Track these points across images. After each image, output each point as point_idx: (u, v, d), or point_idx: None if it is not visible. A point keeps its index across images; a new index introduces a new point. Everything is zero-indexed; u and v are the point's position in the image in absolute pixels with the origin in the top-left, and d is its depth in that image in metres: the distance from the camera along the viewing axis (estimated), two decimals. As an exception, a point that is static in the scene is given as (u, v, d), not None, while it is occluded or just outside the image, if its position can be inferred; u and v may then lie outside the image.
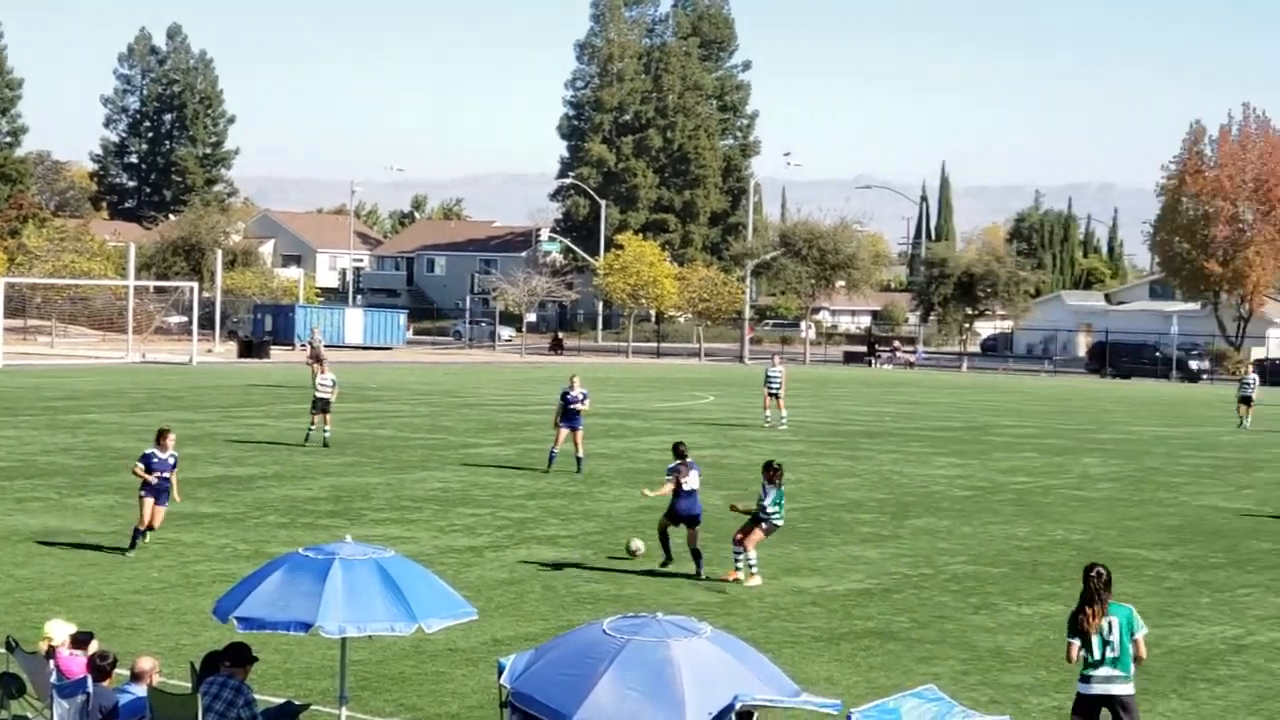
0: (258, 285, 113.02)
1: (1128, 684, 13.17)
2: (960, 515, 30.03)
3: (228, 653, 13.04)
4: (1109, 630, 13.13)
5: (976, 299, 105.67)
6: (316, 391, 39.75)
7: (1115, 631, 13.14)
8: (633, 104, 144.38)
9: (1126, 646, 13.18)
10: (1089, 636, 13.13)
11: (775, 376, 48.42)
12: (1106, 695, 13.13)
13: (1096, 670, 13.13)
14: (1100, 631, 13.12)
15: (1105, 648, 13.13)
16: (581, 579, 22.52)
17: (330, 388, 39.69)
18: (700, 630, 10.64)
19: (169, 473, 23.76)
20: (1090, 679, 13.15)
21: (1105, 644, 13.13)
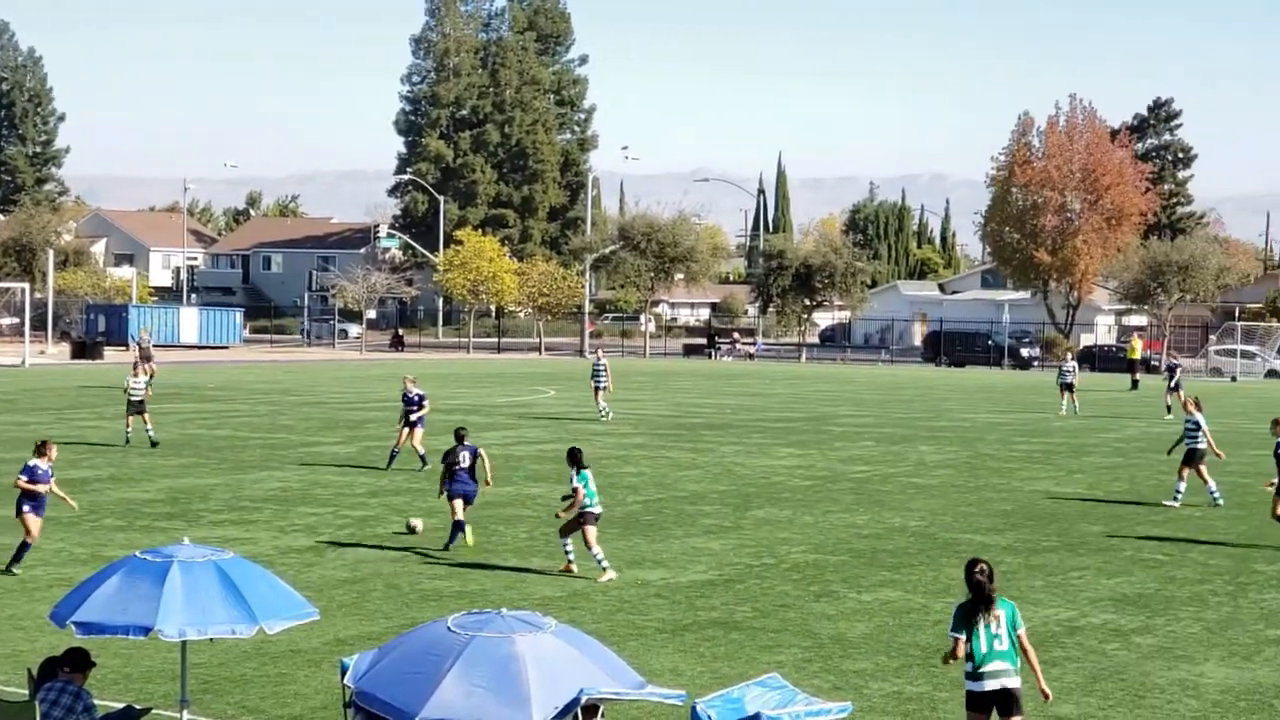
0: (90, 285, 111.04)
1: (1017, 677, 13.16)
2: (801, 505, 30.36)
3: (66, 658, 12.85)
4: (997, 624, 13.09)
5: (814, 290, 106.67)
6: (130, 394, 39.73)
7: (1003, 625, 13.12)
8: (470, 99, 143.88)
9: (1014, 639, 13.17)
10: (977, 632, 13.04)
11: (601, 369, 49.27)
12: (1000, 689, 13.07)
13: (987, 665, 13.04)
14: (989, 626, 13.07)
15: (994, 641, 13.06)
16: (425, 576, 22.46)
17: (143, 389, 39.94)
18: (545, 625, 10.68)
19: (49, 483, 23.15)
20: (982, 675, 13.06)
21: (994, 638, 13.07)
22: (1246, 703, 16.41)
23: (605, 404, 49.41)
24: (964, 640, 13.02)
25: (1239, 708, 16.21)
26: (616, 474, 34.76)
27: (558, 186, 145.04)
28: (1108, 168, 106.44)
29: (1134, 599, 21.66)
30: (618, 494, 31.45)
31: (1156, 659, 18.21)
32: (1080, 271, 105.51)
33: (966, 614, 13.07)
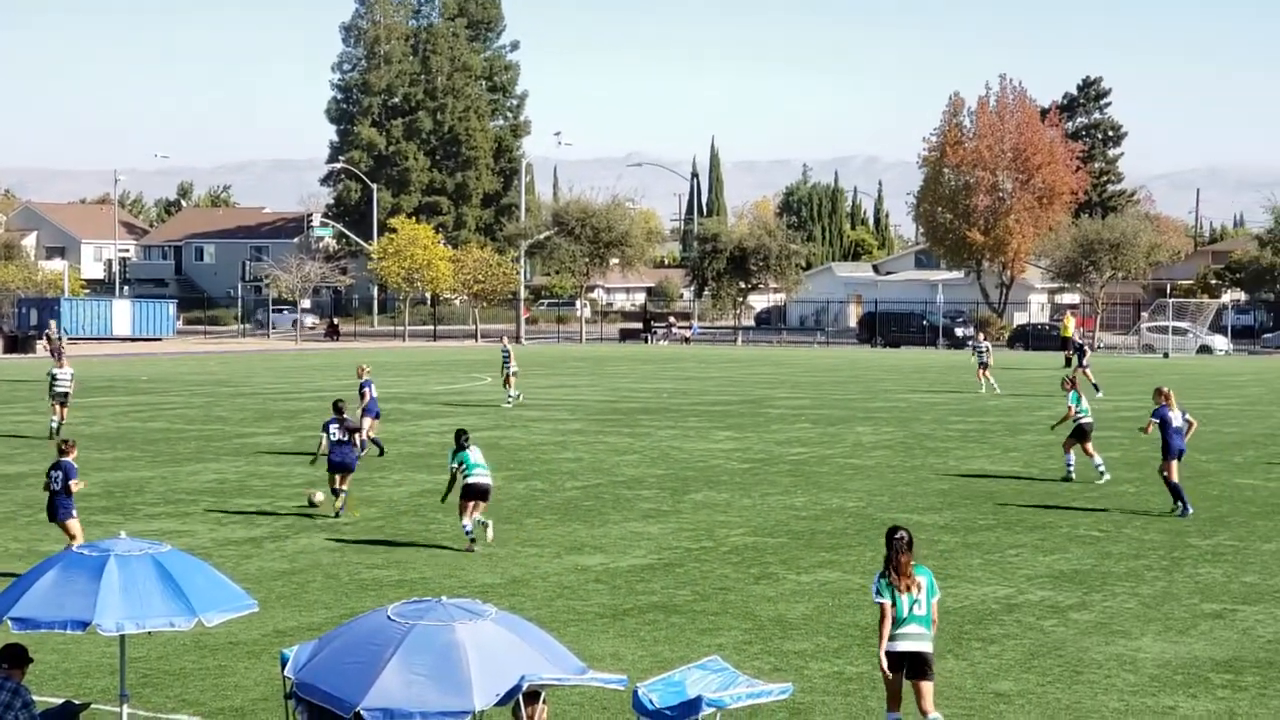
0: (21, 279, 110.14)
1: (929, 642, 13.71)
2: (739, 488, 30.44)
3: (3, 654, 12.74)
4: (917, 590, 13.61)
5: (749, 273, 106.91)
6: (56, 385, 40.59)
7: (922, 592, 13.63)
8: (401, 86, 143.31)
9: (930, 605, 13.68)
10: (901, 596, 13.57)
11: (507, 356, 49.91)
12: (913, 652, 13.61)
13: (903, 628, 13.58)
14: (911, 591, 13.59)
15: (913, 606, 13.59)
16: (364, 566, 22.41)
17: (69, 381, 40.81)
18: (485, 612, 10.68)
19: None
20: (897, 637, 13.57)
21: (914, 603, 13.60)
22: (1183, 676, 16.57)
23: (516, 389, 49.80)
24: (889, 604, 13.53)
25: (1175, 681, 16.37)
26: (554, 460, 34.77)
27: (491, 173, 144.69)
28: (1038, 147, 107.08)
29: (1070, 575, 21.84)
30: (556, 480, 31.47)
31: (1094, 634, 18.37)
32: (1013, 251, 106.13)
33: (886, 581, 13.63)
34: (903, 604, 13.56)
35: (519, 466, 33.59)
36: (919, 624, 13.61)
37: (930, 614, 13.70)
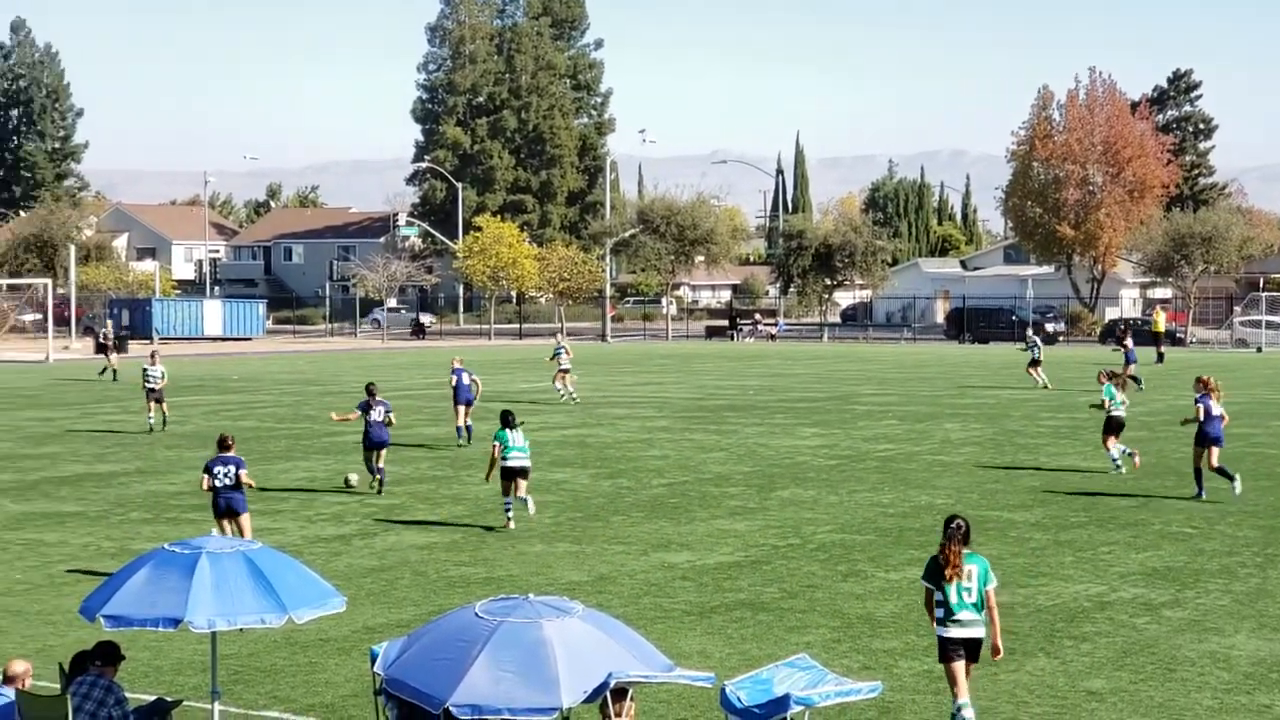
0: (113, 280, 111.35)
1: (983, 628, 14.04)
2: (826, 485, 30.32)
3: (96, 652, 12.87)
4: (969, 578, 13.91)
5: (835, 269, 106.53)
6: (148, 382, 41.81)
7: (974, 579, 13.93)
8: (486, 85, 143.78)
9: (983, 593, 13.98)
10: (949, 584, 13.89)
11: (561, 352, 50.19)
12: (967, 638, 13.97)
13: (957, 615, 13.91)
14: (961, 580, 13.90)
15: (964, 593, 13.92)
16: (452, 563, 22.48)
17: (160, 378, 41.91)
18: (572, 609, 10.67)
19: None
20: (950, 624, 13.94)
21: (964, 590, 13.91)
22: (1278, 674, 16.35)
23: (571, 387, 50.04)
24: (934, 590, 13.96)
25: (1270, 679, 16.15)
26: (640, 457, 34.77)
27: (576, 171, 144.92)
28: (1129, 140, 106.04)
29: (1163, 573, 21.60)
30: (642, 477, 31.46)
31: (1187, 632, 18.16)
32: (1103, 245, 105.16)
33: (938, 566, 13.95)
34: (951, 591, 13.88)
35: (605, 464, 33.61)
36: (971, 611, 13.93)
37: (982, 601, 13.98)
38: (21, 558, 23.10)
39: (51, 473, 32.71)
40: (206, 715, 13.88)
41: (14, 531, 25.41)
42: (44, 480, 31.46)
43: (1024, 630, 18.17)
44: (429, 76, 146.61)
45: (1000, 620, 18.60)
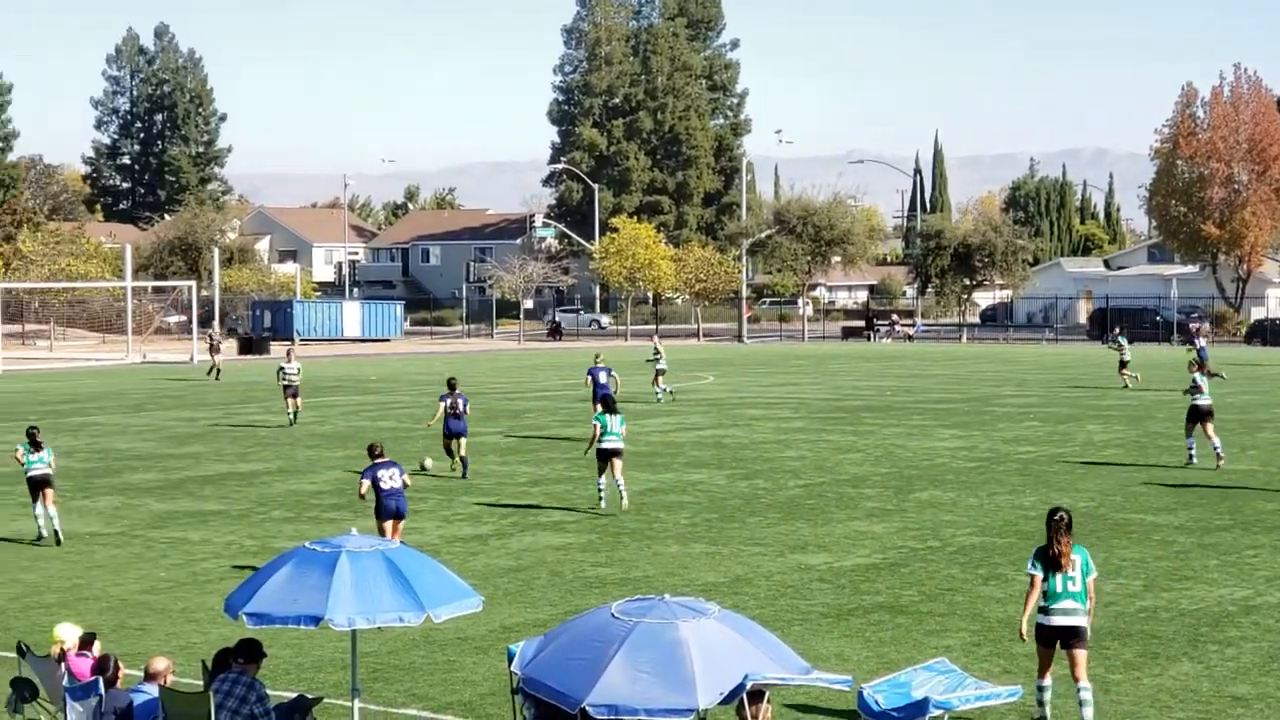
0: (255, 282, 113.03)
1: (1084, 617, 14.28)
2: (965, 487, 30.03)
3: (239, 649, 13.03)
4: (1072, 567, 14.20)
5: (974, 269, 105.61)
6: (285, 378, 43.93)
7: (1077, 569, 14.21)
8: (622, 87, 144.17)
9: (1085, 583, 14.24)
10: (1053, 574, 14.20)
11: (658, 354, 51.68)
12: (1067, 626, 14.25)
13: (1059, 604, 14.21)
14: (1066, 569, 14.19)
15: (1068, 583, 14.20)
16: (588, 564, 22.53)
17: (297, 374, 44.10)
18: (708, 610, 10.64)
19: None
20: (1051, 612, 14.22)
21: (1069, 579, 14.20)
22: None
23: (666, 385, 51.07)
24: (1040, 577, 14.21)
25: None
26: (777, 458, 34.65)
27: (712, 172, 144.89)
28: (1275, 138, 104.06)
29: (1312, 577, 21.14)
30: (779, 478, 31.34)
31: (1337, 638, 17.75)
32: (1249, 244, 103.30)
33: (1043, 555, 14.27)
34: (1056, 581, 14.17)
35: (741, 465, 33.53)
36: (1074, 600, 14.18)
37: (1085, 590, 14.22)
38: (166, 555, 23.47)
39: (195, 472, 33.24)
40: (347, 712, 14.00)
41: (158, 530, 25.84)
42: (188, 479, 31.96)
43: (1167, 634, 17.87)
44: (565, 78, 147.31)
45: (1144, 624, 18.34)
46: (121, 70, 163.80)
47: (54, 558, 23.39)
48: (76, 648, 13.83)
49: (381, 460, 22.30)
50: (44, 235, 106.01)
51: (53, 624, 15.38)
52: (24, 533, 25.54)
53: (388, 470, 22.12)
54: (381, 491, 21.98)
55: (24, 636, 16.57)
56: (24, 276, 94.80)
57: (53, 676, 13.73)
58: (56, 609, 19.55)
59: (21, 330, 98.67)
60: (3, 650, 17.24)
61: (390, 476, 22.04)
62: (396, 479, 22.08)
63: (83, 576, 21.95)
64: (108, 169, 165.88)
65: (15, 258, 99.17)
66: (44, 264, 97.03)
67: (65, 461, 35.13)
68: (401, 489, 22.13)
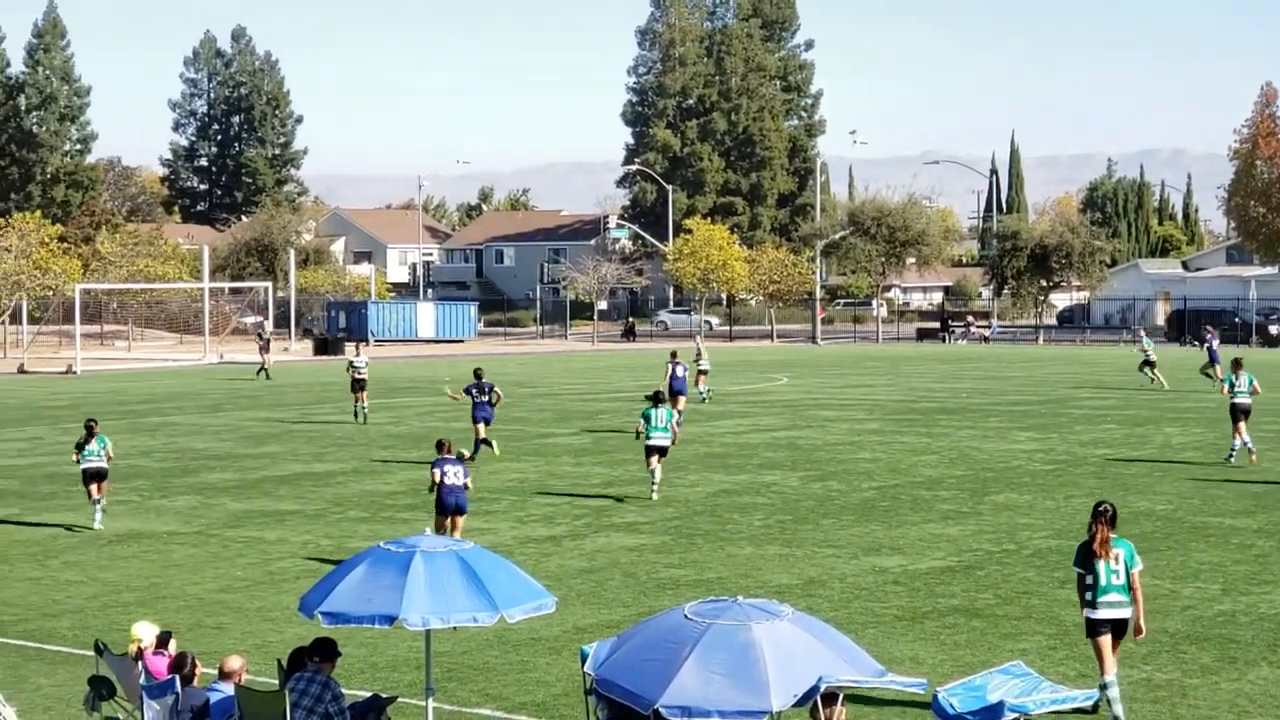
0: (330, 283, 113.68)
1: (1129, 609, 14.76)
2: (1042, 490, 29.83)
3: (314, 648, 13.09)
4: (1116, 561, 14.71)
5: (1051, 271, 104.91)
6: (355, 373, 45.35)
7: (1121, 562, 14.72)
8: (696, 88, 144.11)
9: (1128, 576, 14.74)
10: (1099, 564, 14.69)
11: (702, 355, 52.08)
12: (1114, 619, 14.72)
13: (1105, 596, 14.70)
14: (1109, 562, 14.70)
15: (1112, 576, 14.71)
16: (661, 565, 22.52)
17: (365, 368, 45.77)
18: (782, 613, 10.61)
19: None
20: (1098, 604, 14.72)
21: (1112, 573, 14.71)
22: None
23: (708, 385, 51.40)
24: (1085, 575, 14.77)
25: None
26: (850, 460, 34.55)
27: (786, 173, 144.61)
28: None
29: (1394, 582, 20.86)
30: (852, 480, 31.24)
31: None
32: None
33: (1087, 551, 14.82)
34: (1101, 573, 14.67)
35: (815, 466, 33.44)
36: (1118, 592, 14.68)
37: (1129, 583, 14.71)
38: (242, 554, 23.65)
39: (271, 472, 33.47)
40: (421, 712, 14.05)
41: (235, 529, 26.03)
42: (264, 479, 32.19)
43: (1246, 639, 17.69)
44: (639, 79, 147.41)
45: (1222, 629, 18.15)
46: (199, 73, 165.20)
47: (132, 557, 23.62)
48: (153, 646, 13.94)
49: (448, 456, 22.93)
50: (122, 236, 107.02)
51: (130, 623, 15.52)
52: (102, 532, 25.81)
53: (454, 467, 22.77)
54: (443, 487, 22.64)
55: (102, 635, 16.73)
56: (103, 277, 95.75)
57: (130, 675, 13.85)
58: (134, 608, 19.74)
59: (100, 331, 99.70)
60: (81, 649, 17.43)
61: (455, 474, 22.65)
62: (459, 478, 22.67)
63: (160, 575, 22.14)
64: (185, 171, 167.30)
65: (94, 259, 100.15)
66: (122, 265, 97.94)
67: (143, 461, 35.48)
68: (462, 488, 22.72)
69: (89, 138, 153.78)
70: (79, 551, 24.11)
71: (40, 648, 18.04)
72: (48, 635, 18.64)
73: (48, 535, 25.61)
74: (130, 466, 34.38)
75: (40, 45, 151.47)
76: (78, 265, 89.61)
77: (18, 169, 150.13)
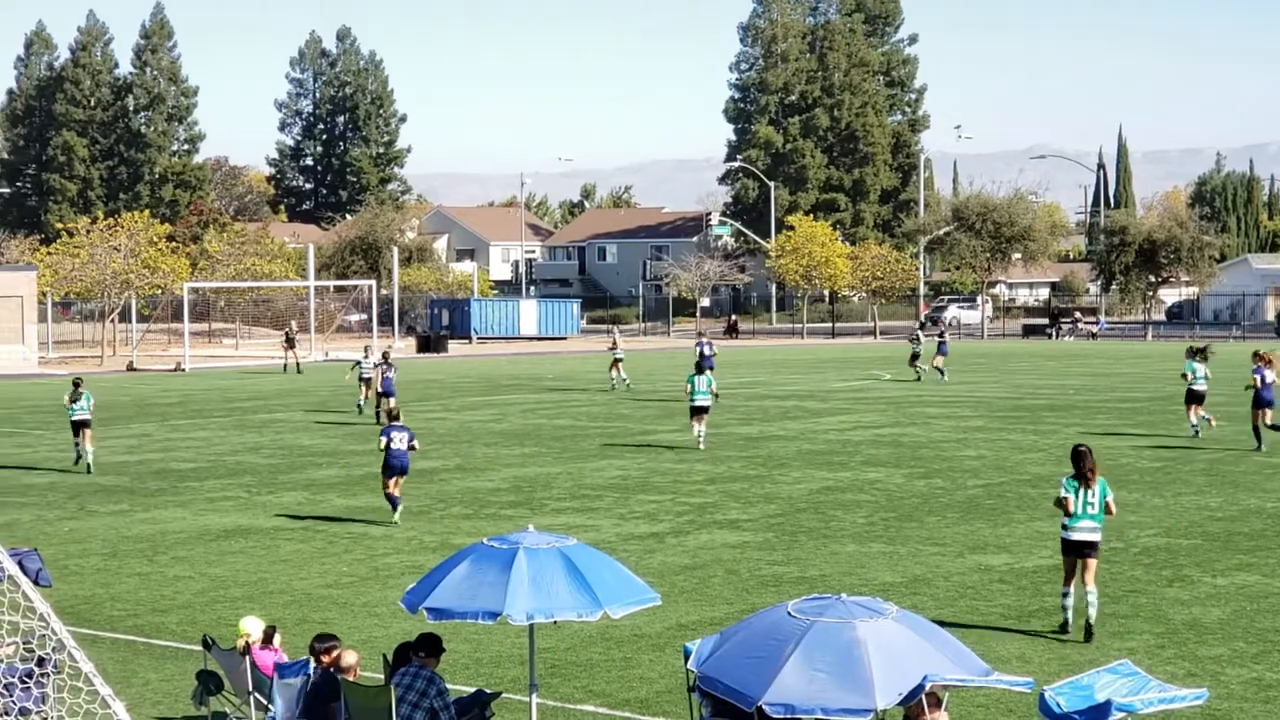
0: (433, 281, 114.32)
1: (1098, 533, 17.93)
2: (1150, 487, 29.48)
3: (419, 643, 13.18)
4: (1092, 495, 17.83)
5: (1159, 266, 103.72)
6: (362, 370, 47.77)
7: (1096, 495, 17.86)
8: (798, 84, 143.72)
9: (1102, 507, 17.86)
10: (1078, 498, 17.80)
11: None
12: (1084, 540, 17.81)
13: (1078, 523, 17.82)
14: (1085, 495, 17.80)
15: (1087, 506, 17.85)
16: (764, 562, 22.46)
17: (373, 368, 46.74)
18: (886, 611, 10.54)
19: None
20: (1072, 529, 17.86)
21: (1088, 504, 17.85)
22: None
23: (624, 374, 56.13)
24: (1071, 499, 17.82)
25: None
26: (956, 457, 34.31)
27: (889, 169, 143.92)
28: None
29: None
30: (957, 477, 31.02)
31: None
32: None
33: (1076, 478, 17.93)
34: (1077, 503, 17.81)
35: (920, 463, 33.24)
36: (1090, 520, 17.80)
37: (1102, 513, 17.86)
38: (348, 550, 23.83)
39: (376, 468, 33.60)
40: (524, 708, 14.10)
41: (341, 525, 26.24)
42: (369, 476, 32.40)
43: (1362, 641, 17.38)
44: (741, 76, 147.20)
45: (1336, 630, 17.85)
46: (304, 73, 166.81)
47: (239, 552, 23.87)
48: (261, 641, 14.08)
49: (395, 424, 26.43)
50: (229, 235, 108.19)
51: (238, 617, 15.66)
52: (210, 528, 26.11)
53: (399, 433, 26.08)
54: (389, 452, 26.01)
55: (209, 630, 16.92)
56: (210, 276, 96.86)
57: (237, 669, 13.99)
58: (241, 603, 19.94)
59: (208, 329, 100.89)
60: (189, 643, 17.63)
61: (400, 439, 26.01)
62: (404, 443, 26.02)
63: (267, 571, 22.36)
64: (291, 170, 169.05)
65: (202, 258, 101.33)
66: (229, 264, 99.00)
67: (250, 457, 35.86)
68: (406, 451, 26.10)
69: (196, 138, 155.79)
70: (187, 547, 24.40)
71: (149, 642, 18.26)
72: (156, 630, 18.87)
73: (157, 531, 25.94)
74: (238, 463, 34.76)
75: (148, 46, 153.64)
76: (186, 264, 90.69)
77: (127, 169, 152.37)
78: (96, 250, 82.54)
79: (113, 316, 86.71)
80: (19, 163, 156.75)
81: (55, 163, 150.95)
